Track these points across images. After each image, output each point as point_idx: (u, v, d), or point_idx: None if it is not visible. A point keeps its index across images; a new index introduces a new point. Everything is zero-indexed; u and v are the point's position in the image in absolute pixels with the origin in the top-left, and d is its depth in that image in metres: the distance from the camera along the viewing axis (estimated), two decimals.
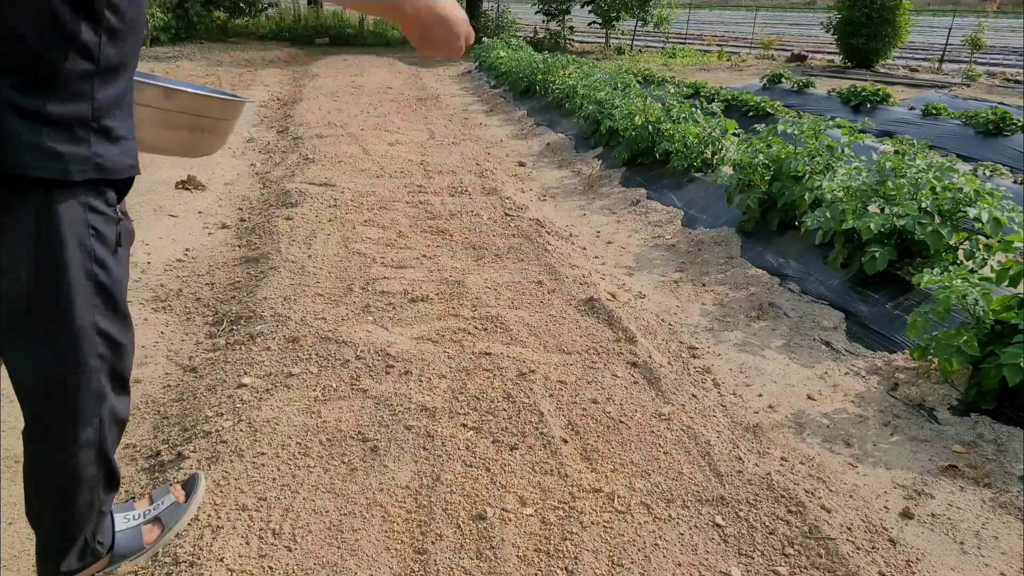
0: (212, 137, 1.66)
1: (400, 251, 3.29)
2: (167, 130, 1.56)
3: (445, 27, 1.20)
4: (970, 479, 2.00)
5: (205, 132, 1.62)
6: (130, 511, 1.55)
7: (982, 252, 2.86)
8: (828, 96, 8.72)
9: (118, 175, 1.19)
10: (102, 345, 1.25)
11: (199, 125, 1.59)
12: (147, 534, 1.54)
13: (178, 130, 1.57)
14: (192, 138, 1.61)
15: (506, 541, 1.57)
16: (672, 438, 1.98)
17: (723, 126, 4.78)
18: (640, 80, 8.13)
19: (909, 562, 1.63)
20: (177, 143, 1.61)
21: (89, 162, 1.12)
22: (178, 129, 1.57)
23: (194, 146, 1.65)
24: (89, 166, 1.12)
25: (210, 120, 1.60)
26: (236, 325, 2.61)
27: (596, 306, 2.76)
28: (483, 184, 4.46)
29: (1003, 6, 33.45)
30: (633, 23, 17.01)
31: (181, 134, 1.58)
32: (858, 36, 13.06)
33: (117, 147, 1.17)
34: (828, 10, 14.82)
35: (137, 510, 1.56)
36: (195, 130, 1.60)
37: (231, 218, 3.93)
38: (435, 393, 2.13)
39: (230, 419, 1.97)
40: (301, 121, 6.26)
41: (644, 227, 4.20)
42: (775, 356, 2.70)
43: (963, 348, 2.25)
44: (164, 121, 1.54)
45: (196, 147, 1.66)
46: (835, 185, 3.32)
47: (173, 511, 1.59)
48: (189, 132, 1.60)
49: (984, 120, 6.64)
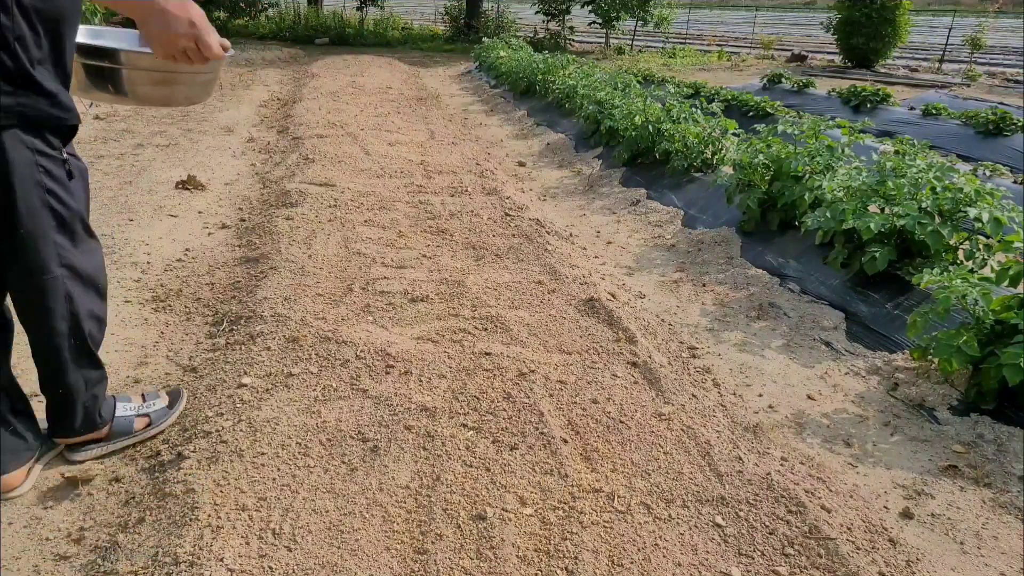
0: (195, 88, 1.83)
1: (400, 251, 3.29)
2: (150, 86, 1.76)
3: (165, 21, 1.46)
4: (970, 479, 2.00)
5: (184, 85, 1.80)
6: (129, 403, 1.96)
7: (982, 252, 2.86)
8: (828, 96, 8.72)
9: (48, 123, 1.46)
10: (65, 256, 1.60)
11: (175, 80, 1.77)
12: (137, 423, 1.95)
13: (159, 85, 1.76)
14: (176, 90, 1.80)
15: (506, 541, 1.57)
16: (672, 438, 1.98)
17: (723, 126, 4.78)
18: (640, 80, 8.12)
19: (909, 562, 1.63)
20: (162, 96, 1.81)
21: (12, 111, 1.39)
22: (159, 84, 1.76)
23: (179, 97, 1.84)
24: (13, 114, 1.39)
25: (186, 74, 1.76)
26: (236, 325, 2.61)
27: (596, 306, 2.76)
28: (483, 184, 4.46)
29: (1003, 6, 33.44)
30: (633, 23, 17.01)
31: (163, 88, 1.78)
32: (858, 36, 13.06)
33: (46, 100, 1.44)
34: (828, 10, 14.82)
35: (134, 403, 1.97)
36: (174, 84, 1.78)
37: (231, 218, 3.93)
38: (435, 393, 2.13)
39: (230, 419, 1.97)
40: (301, 121, 6.26)
41: (644, 227, 4.21)
42: (775, 356, 2.70)
43: (963, 348, 2.25)
44: (144, 79, 1.74)
45: (181, 98, 1.85)
46: (835, 185, 3.32)
47: (161, 413, 2.00)
48: (170, 86, 1.78)
49: (984, 120, 6.64)
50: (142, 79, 1.75)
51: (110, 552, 1.57)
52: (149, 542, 1.57)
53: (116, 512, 1.71)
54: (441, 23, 20.76)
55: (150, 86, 1.78)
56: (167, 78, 1.77)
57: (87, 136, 5.42)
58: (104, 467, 1.87)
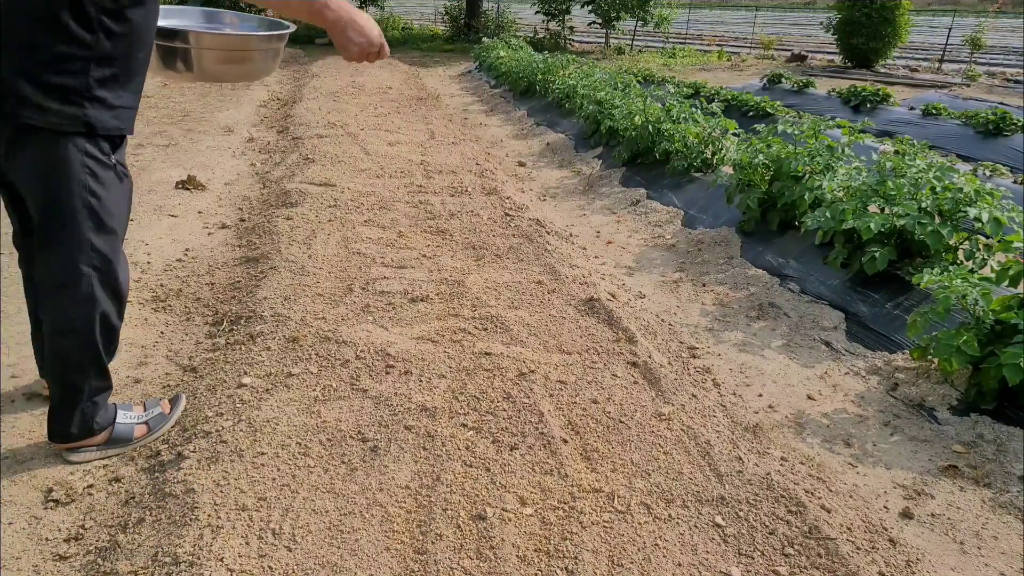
0: (267, 63, 2.02)
1: (400, 251, 3.29)
2: (224, 64, 1.94)
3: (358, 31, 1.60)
4: (970, 479, 2.00)
5: (256, 62, 1.99)
6: (129, 411, 1.99)
7: (982, 252, 2.86)
8: (828, 96, 8.73)
9: (106, 132, 1.59)
10: (96, 259, 1.66)
11: (248, 58, 1.97)
12: (137, 431, 1.97)
13: (231, 63, 1.95)
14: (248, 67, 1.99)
15: (506, 541, 1.57)
16: (672, 438, 1.97)
17: (723, 126, 4.78)
18: (640, 80, 8.13)
19: (909, 562, 1.63)
20: (236, 73, 2.02)
21: (79, 120, 1.53)
22: (231, 63, 1.95)
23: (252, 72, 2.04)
24: (79, 123, 1.53)
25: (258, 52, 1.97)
26: (236, 325, 2.61)
27: (596, 306, 2.76)
28: (483, 184, 4.46)
29: (1003, 6, 33.44)
30: (633, 23, 17.02)
31: (236, 67, 1.96)
32: (858, 36, 13.07)
33: (110, 113, 1.58)
34: (828, 10, 14.83)
35: (135, 412, 2.00)
36: (246, 62, 1.97)
37: (231, 218, 3.93)
38: (435, 393, 2.13)
39: (230, 419, 1.97)
40: (301, 121, 6.26)
41: (644, 227, 4.21)
42: (775, 356, 2.70)
43: (963, 348, 2.25)
44: (218, 58, 1.92)
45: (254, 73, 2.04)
46: (835, 185, 3.32)
47: (159, 419, 2.02)
48: (243, 64, 1.97)
49: (984, 120, 6.65)
50: (212, 58, 1.90)
51: (110, 552, 1.57)
52: (149, 542, 1.57)
53: (116, 512, 1.71)
54: (441, 23, 20.77)
55: (224, 64, 1.94)
56: (239, 56, 1.95)
57: None
58: (104, 467, 1.87)
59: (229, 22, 2.24)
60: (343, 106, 7.12)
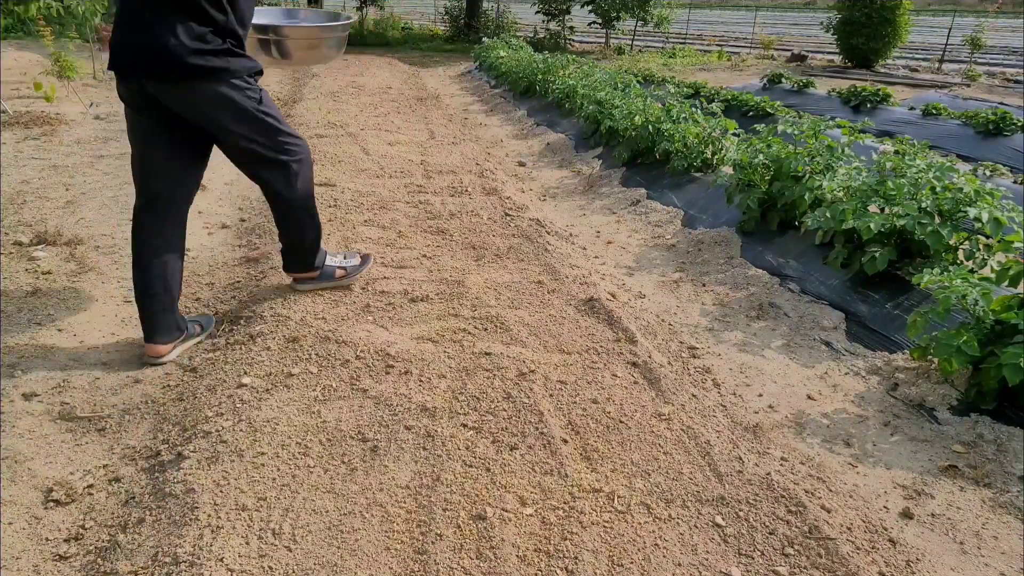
0: (332, 51, 2.88)
1: (400, 251, 3.29)
2: (303, 51, 2.78)
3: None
4: (970, 479, 2.00)
5: (325, 47, 2.84)
6: (336, 256, 2.83)
7: (982, 252, 2.86)
8: (828, 96, 8.72)
9: (246, 72, 2.26)
10: (286, 149, 2.42)
11: (321, 45, 2.82)
12: (338, 272, 2.77)
13: (309, 50, 2.79)
14: (319, 53, 2.85)
15: (506, 541, 1.57)
16: (672, 438, 1.98)
17: (723, 126, 4.78)
18: (640, 80, 8.12)
19: (909, 562, 1.63)
20: (313, 57, 2.87)
21: (227, 68, 2.19)
22: (309, 49, 2.79)
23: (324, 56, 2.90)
24: (226, 69, 2.19)
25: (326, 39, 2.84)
26: (236, 325, 2.61)
27: (596, 306, 2.76)
28: (483, 184, 4.46)
29: (1003, 6, 33.44)
30: (633, 23, 17.01)
31: (313, 51, 2.81)
32: (858, 36, 13.06)
33: (241, 60, 2.25)
34: (828, 10, 14.83)
35: (338, 256, 2.84)
36: (319, 47, 2.82)
37: (231, 218, 3.93)
38: (435, 393, 2.13)
39: (230, 419, 1.97)
40: (301, 121, 6.26)
41: (644, 227, 4.20)
42: (775, 356, 2.70)
43: (963, 348, 2.25)
44: (300, 46, 2.77)
45: (325, 57, 2.91)
46: (835, 185, 3.32)
47: (354, 268, 2.83)
48: (317, 49, 2.82)
49: (984, 120, 6.64)
50: (296, 46, 2.72)
51: (110, 552, 1.57)
52: (149, 542, 1.57)
53: (116, 512, 1.71)
54: (441, 23, 20.76)
55: (303, 51, 2.74)
56: (313, 43, 2.78)
57: (88, 136, 5.42)
58: (104, 467, 1.87)
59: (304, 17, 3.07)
60: (343, 106, 7.12)
